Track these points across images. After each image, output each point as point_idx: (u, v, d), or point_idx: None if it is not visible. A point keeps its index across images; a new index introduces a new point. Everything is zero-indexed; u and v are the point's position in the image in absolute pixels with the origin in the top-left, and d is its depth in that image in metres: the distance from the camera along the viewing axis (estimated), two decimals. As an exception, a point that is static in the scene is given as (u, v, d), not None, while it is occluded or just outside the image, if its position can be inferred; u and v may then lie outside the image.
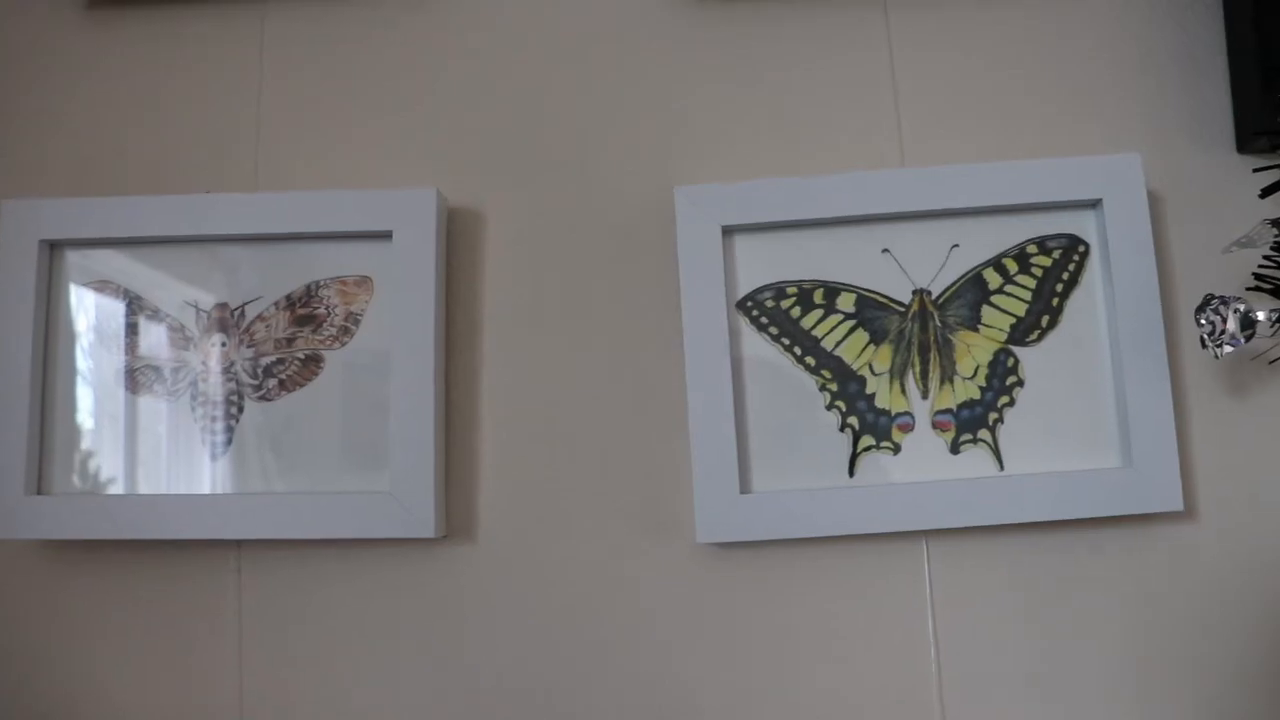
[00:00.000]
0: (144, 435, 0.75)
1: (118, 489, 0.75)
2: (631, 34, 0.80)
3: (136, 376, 0.76)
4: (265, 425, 0.75)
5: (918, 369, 0.74)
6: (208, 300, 0.76)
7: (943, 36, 0.78)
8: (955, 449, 0.73)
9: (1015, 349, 0.74)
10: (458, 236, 0.77)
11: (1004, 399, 0.73)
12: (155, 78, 0.83)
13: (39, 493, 0.75)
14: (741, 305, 0.75)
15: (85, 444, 0.76)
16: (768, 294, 0.75)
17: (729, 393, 0.73)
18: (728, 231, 0.75)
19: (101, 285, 0.77)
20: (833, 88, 0.78)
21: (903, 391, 0.74)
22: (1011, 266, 0.74)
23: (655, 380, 0.76)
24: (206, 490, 0.74)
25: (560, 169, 0.78)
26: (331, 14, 0.82)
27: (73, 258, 0.78)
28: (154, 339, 0.76)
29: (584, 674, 0.74)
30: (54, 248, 0.77)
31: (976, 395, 0.74)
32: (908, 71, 0.78)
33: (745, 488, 0.73)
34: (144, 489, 0.75)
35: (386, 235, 0.75)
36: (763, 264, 0.75)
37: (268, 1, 0.83)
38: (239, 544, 0.77)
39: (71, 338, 0.77)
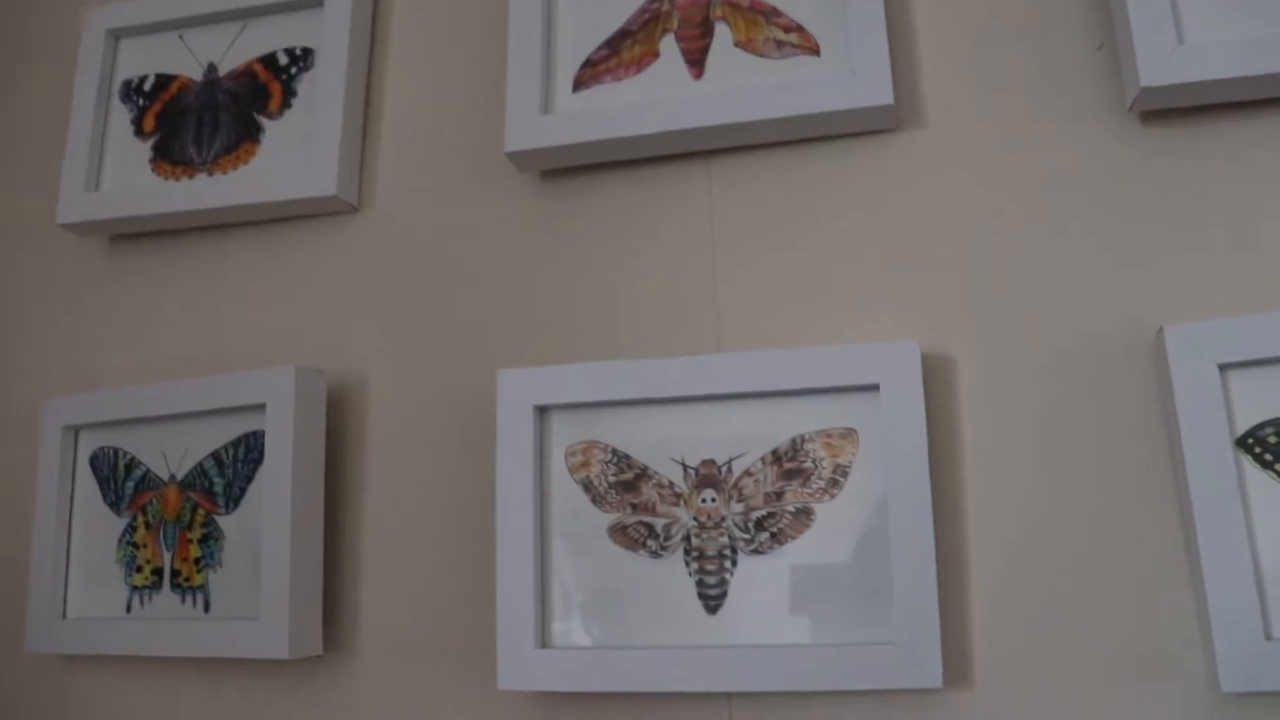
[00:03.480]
0: (648, 590, 0.78)
1: (614, 642, 0.78)
2: (1092, 167, 0.80)
3: (629, 532, 0.79)
4: (760, 578, 0.77)
5: None
6: (694, 457, 0.78)
7: None
8: None
9: None
10: (931, 382, 0.78)
11: None
12: (611, 242, 0.87)
13: (543, 646, 0.78)
14: (1242, 442, 0.73)
15: (581, 599, 0.79)
16: (1270, 430, 0.73)
17: (1242, 534, 0.71)
18: (1223, 368, 0.73)
19: (589, 445, 0.80)
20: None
21: None
22: None
23: (1146, 519, 0.75)
24: (701, 643, 0.76)
25: (1032, 310, 0.78)
26: (777, 161, 0.85)
27: (561, 420, 0.81)
28: (644, 495, 0.79)
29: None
30: (544, 412, 0.81)
31: None
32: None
33: (1269, 633, 0.70)
34: (639, 642, 0.77)
35: (871, 388, 0.75)
36: (1261, 398, 0.74)
37: (712, 157, 0.86)
38: (730, 697, 0.78)
39: (564, 496, 0.81)
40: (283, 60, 0.99)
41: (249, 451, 0.89)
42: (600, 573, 0.80)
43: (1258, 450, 0.73)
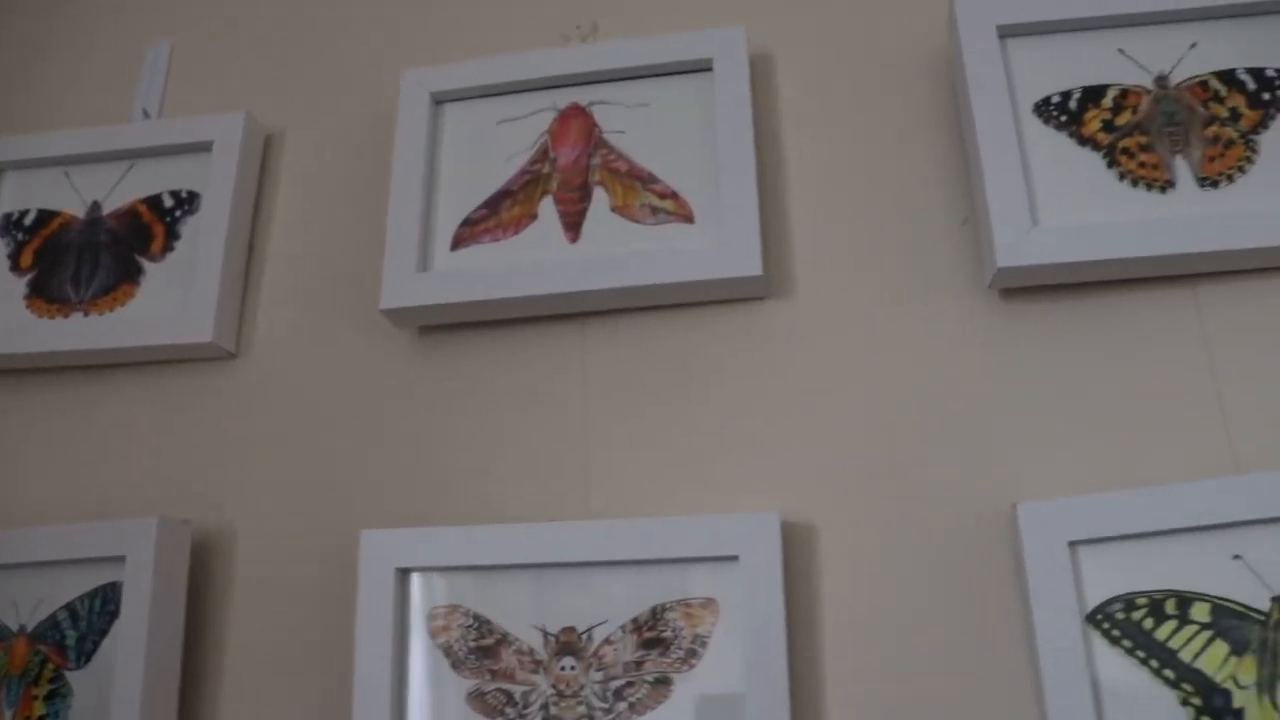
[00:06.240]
0: (498, 761, 0.76)
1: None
2: (953, 342, 0.83)
3: (487, 699, 0.78)
4: (618, 751, 0.75)
5: (1286, 683, 0.72)
6: (556, 623, 0.78)
7: (1264, 331, 0.78)
8: (1340, 769, 0.70)
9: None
10: (792, 550, 0.79)
11: (1388, 716, 0.71)
12: (483, 403, 0.88)
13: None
14: (1091, 619, 0.74)
15: (438, 769, 0.77)
16: (1117, 606, 0.75)
17: (1090, 711, 0.72)
18: (1073, 544, 0.75)
19: (451, 610, 0.80)
20: (1153, 386, 0.79)
21: (1275, 707, 0.72)
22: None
23: (1002, 693, 0.76)
24: (557, 818, 0.74)
25: (893, 481, 0.80)
26: (649, 325, 0.86)
27: (423, 583, 0.80)
28: (503, 662, 0.78)
29: None
30: (405, 574, 0.80)
31: (1356, 712, 0.71)
32: (1230, 369, 0.78)
33: (1117, 816, 0.71)
34: (495, 816, 0.75)
35: (731, 558, 0.76)
36: (1110, 575, 0.75)
37: (586, 319, 0.87)
38: None
39: (424, 661, 0.80)
40: (168, 203, 0.99)
41: (105, 604, 0.86)
42: (458, 742, 0.78)
43: (1106, 626, 0.74)
